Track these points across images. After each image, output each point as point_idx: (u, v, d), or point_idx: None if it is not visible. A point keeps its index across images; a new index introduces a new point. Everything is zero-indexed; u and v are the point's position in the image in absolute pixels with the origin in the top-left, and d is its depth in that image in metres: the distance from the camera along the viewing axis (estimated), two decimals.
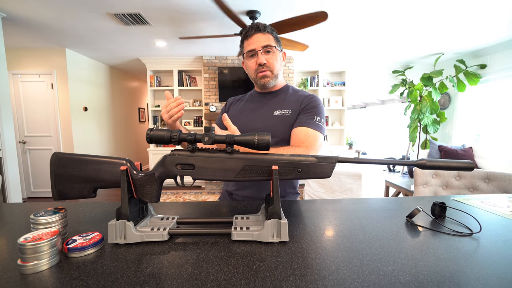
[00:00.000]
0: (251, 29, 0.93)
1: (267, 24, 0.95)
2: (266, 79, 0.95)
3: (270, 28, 0.94)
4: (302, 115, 0.93)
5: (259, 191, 0.97)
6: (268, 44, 0.91)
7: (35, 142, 3.79)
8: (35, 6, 2.36)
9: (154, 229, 0.56)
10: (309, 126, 0.90)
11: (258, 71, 0.94)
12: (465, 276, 0.42)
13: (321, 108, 0.96)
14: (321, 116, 0.94)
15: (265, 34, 0.92)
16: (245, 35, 0.94)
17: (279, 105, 0.98)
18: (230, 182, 1.02)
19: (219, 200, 1.05)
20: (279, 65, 0.97)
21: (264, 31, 0.92)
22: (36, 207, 0.80)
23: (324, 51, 3.93)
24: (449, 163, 0.53)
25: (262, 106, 1.00)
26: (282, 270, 0.44)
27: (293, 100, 0.98)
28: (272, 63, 0.94)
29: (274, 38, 0.94)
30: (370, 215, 0.71)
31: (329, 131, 4.99)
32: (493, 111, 3.85)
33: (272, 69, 0.94)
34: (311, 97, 0.98)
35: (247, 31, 0.93)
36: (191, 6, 2.42)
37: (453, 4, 2.38)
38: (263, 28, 0.92)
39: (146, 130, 0.57)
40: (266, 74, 0.95)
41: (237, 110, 1.05)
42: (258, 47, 0.91)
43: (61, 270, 0.44)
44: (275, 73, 0.96)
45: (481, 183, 1.50)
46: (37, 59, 3.67)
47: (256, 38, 0.92)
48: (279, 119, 0.96)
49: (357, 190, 2.28)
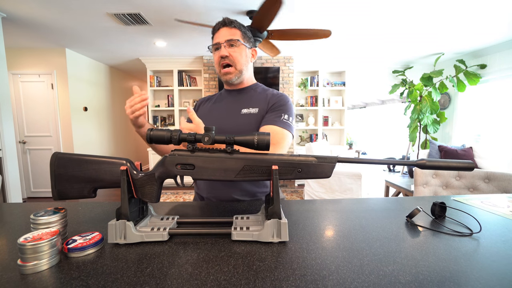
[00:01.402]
0: (218, 24, 0.93)
1: (237, 21, 0.95)
2: (229, 76, 0.95)
3: (238, 23, 0.94)
4: (270, 113, 0.92)
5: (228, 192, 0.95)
6: (232, 38, 0.91)
7: (35, 142, 3.79)
8: (35, 6, 2.36)
9: (154, 229, 0.56)
10: (276, 124, 0.88)
11: (221, 64, 0.94)
12: (465, 276, 0.42)
13: (289, 106, 0.94)
14: (289, 114, 0.92)
15: (232, 28, 0.92)
16: (213, 30, 0.95)
17: (246, 103, 0.97)
18: (201, 185, 1.00)
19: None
20: (243, 60, 0.95)
21: (230, 25, 0.92)
22: (36, 207, 0.80)
23: (324, 51, 3.92)
24: (449, 163, 0.53)
25: (230, 104, 0.99)
26: (282, 270, 0.44)
27: (261, 98, 0.97)
28: (235, 57, 0.93)
29: (241, 33, 0.94)
30: (370, 215, 0.71)
31: (329, 131, 4.99)
32: (493, 111, 3.85)
33: (235, 64, 0.93)
34: (279, 95, 0.97)
35: (216, 25, 0.94)
36: (191, 6, 2.42)
37: (453, 4, 2.38)
38: (229, 22, 0.92)
39: (146, 130, 0.57)
40: (229, 71, 0.94)
41: (206, 109, 1.04)
42: (222, 40, 0.91)
43: (61, 270, 0.44)
44: (238, 69, 0.94)
45: (481, 183, 1.50)
46: (37, 59, 3.67)
47: (222, 32, 0.92)
48: (246, 117, 0.94)
49: (357, 190, 2.28)
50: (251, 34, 0.98)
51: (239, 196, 0.95)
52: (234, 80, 0.96)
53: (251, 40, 0.98)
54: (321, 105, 4.64)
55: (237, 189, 0.94)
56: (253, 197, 0.97)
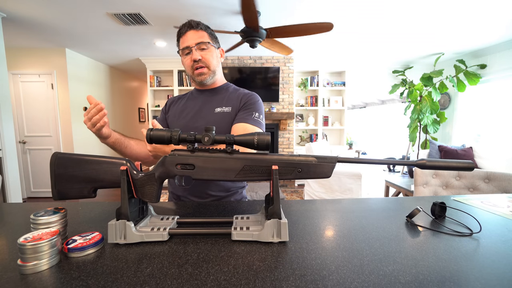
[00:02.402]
0: (184, 27, 0.93)
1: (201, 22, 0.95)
2: (203, 76, 0.96)
3: (204, 25, 0.95)
4: (242, 112, 0.95)
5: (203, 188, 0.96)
6: (202, 41, 0.92)
7: (35, 142, 3.79)
8: (35, 6, 2.36)
9: (154, 229, 0.56)
10: (248, 122, 0.91)
11: (193, 67, 0.95)
12: (465, 276, 0.42)
13: (260, 104, 0.98)
14: (259, 112, 0.95)
15: (199, 31, 0.93)
16: (179, 32, 0.95)
17: (220, 103, 0.99)
18: (173, 185, 1.01)
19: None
20: (215, 61, 0.97)
21: (197, 28, 0.93)
22: (36, 207, 0.80)
23: (324, 51, 3.92)
24: (449, 163, 0.53)
25: (203, 104, 1.01)
26: (282, 270, 0.44)
27: (234, 97, 0.99)
28: (207, 59, 0.94)
29: (208, 34, 0.95)
30: (370, 215, 0.71)
31: (329, 131, 4.99)
32: (493, 111, 3.85)
33: (208, 65, 0.95)
34: (250, 94, 1.00)
35: (181, 28, 0.94)
36: (191, 6, 2.42)
37: (453, 4, 2.38)
38: (196, 25, 0.92)
39: (146, 130, 0.57)
40: (203, 71, 0.95)
41: (178, 109, 1.05)
42: (192, 43, 0.92)
43: (61, 270, 0.44)
44: (212, 69, 0.96)
45: (481, 183, 1.50)
46: (37, 59, 3.67)
47: (189, 35, 0.92)
48: (220, 116, 0.96)
49: (357, 190, 2.29)
50: (215, 34, 1.00)
51: (215, 192, 0.96)
52: (208, 80, 0.98)
53: (217, 40, 1.00)
54: (321, 105, 4.64)
55: (212, 184, 0.96)
56: (228, 192, 0.99)
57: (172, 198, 1.03)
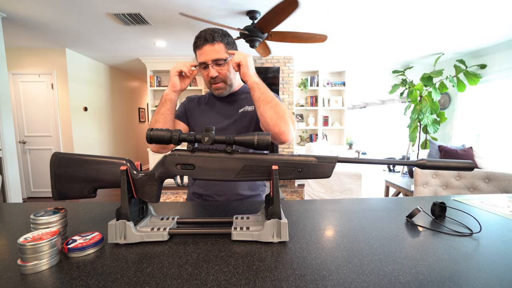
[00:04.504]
0: (199, 39, 0.90)
1: (217, 31, 0.90)
2: (220, 90, 0.96)
3: (220, 34, 0.90)
4: None
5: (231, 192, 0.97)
6: (218, 57, 0.89)
7: (35, 142, 3.79)
8: (35, 6, 2.36)
9: (154, 229, 0.56)
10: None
11: (211, 82, 0.95)
12: (465, 276, 0.42)
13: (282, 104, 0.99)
14: None
15: (215, 44, 0.88)
16: (195, 44, 0.92)
17: (242, 104, 1.00)
18: (197, 183, 1.02)
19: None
20: (232, 74, 0.96)
21: (213, 41, 0.88)
22: (36, 207, 0.80)
23: (324, 51, 3.92)
24: (449, 163, 0.53)
25: (225, 106, 1.02)
26: (282, 270, 0.44)
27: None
28: (224, 74, 0.93)
29: (225, 45, 0.90)
30: (370, 215, 0.71)
31: (329, 131, 4.98)
32: (493, 111, 3.85)
33: (225, 80, 0.94)
34: None
35: (197, 41, 0.91)
36: (192, 6, 2.42)
37: (453, 4, 2.38)
38: (211, 38, 0.88)
39: (146, 130, 0.57)
40: (220, 86, 0.95)
41: (198, 110, 1.05)
42: (208, 60, 0.89)
43: (61, 270, 0.44)
44: (228, 84, 0.96)
45: (481, 183, 1.50)
46: (37, 59, 3.67)
47: (206, 50, 0.89)
48: (244, 115, 0.98)
49: (357, 190, 2.28)
50: (232, 38, 0.96)
51: (244, 191, 0.98)
52: (225, 93, 0.98)
53: (235, 46, 0.97)
54: (321, 105, 4.64)
55: (242, 183, 0.98)
56: (255, 191, 1.02)
57: (193, 198, 1.02)
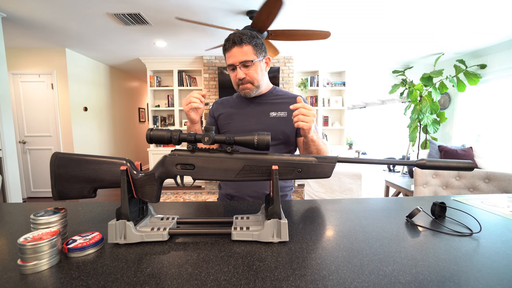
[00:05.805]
0: (228, 42, 0.91)
1: (246, 33, 0.91)
2: (247, 91, 0.97)
3: (248, 37, 0.90)
4: None
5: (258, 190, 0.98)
6: (246, 59, 0.90)
7: (35, 142, 3.79)
8: (35, 6, 2.36)
9: (154, 229, 0.56)
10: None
11: (238, 84, 0.96)
12: (465, 276, 0.42)
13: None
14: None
15: (243, 46, 0.90)
16: (224, 47, 0.94)
17: (272, 107, 1.00)
18: (229, 185, 1.03)
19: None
20: (260, 75, 0.96)
21: (241, 44, 0.89)
22: (36, 207, 0.80)
23: (324, 51, 3.92)
24: (449, 163, 0.53)
25: (256, 108, 1.01)
26: (282, 270, 0.44)
27: (286, 103, 0.99)
28: (252, 76, 0.94)
29: (253, 47, 0.91)
30: (370, 215, 0.71)
31: (329, 131, 4.98)
32: (493, 111, 3.85)
33: (252, 81, 0.95)
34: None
35: (226, 43, 0.92)
36: (191, 6, 2.42)
37: (453, 4, 2.38)
38: (239, 41, 0.89)
39: (146, 130, 0.57)
40: (247, 87, 0.96)
41: (227, 113, 1.05)
42: (236, 62, 0.90)
43: (61, 270, 0.44)
44: (256, 85, 0.96)
45: (481, 183, 1.50)
46: (37, 59, 3.67)
47: (234, 52, 0.90)
48: (276, 120, 0.98)
49: (357, 190, 2.28)
50: (261, 40, 0.96)
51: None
52: (252, 94, 0.99)
53: (263, 47, 0.97)
54: (321, 105, 4.64)
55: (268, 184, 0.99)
56: (282, 192, 1.02)
57: (224, 199, 1.04)
